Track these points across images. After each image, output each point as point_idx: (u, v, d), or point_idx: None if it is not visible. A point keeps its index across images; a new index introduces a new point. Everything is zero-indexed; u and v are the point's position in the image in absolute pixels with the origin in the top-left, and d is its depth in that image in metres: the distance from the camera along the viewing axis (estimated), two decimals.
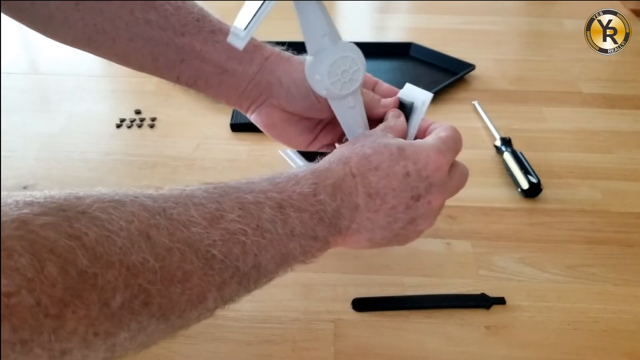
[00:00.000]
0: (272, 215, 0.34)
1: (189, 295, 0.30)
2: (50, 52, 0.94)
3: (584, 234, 0.57)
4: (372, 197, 0.39)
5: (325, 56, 0.41)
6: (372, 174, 0.39)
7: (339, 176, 0.38)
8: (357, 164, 0.39)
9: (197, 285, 0.30)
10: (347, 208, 0.38)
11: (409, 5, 1.17)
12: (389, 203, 0.39)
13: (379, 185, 0.39)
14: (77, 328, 0.25)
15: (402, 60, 0.91)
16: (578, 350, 0.46)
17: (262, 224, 0.34)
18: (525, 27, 1.05)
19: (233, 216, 0.32)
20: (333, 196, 0.37)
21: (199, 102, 0.79)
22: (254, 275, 0.34)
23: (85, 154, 0.69)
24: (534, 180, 0.61)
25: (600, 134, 0.73)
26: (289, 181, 0.37)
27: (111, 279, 0.26)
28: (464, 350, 0.46)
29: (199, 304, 0.31)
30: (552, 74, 0.87)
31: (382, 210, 0.39)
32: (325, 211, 0.37)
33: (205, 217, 0.31)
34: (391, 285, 0.52)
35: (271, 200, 0.35)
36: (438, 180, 0.40)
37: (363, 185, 0.38)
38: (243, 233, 0.32)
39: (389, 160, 0.39)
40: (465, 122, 0.76)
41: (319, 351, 0.46)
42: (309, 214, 0.36)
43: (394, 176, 0.39)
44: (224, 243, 0.31)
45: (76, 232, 0.26)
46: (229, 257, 0.32)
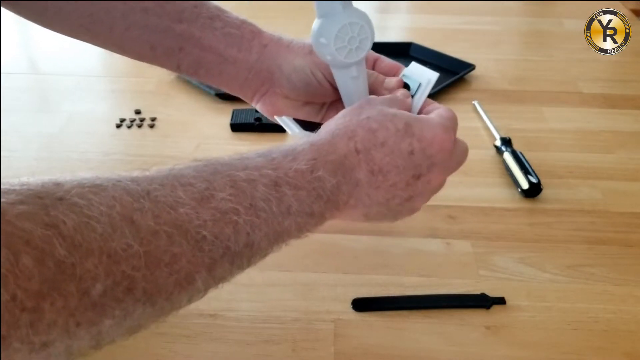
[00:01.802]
0: (266, 193, 0.33)
1: (176, 278, 0.29)
2: (50, 52, 0.94)
3: (584, 234, 0.57)
4: (375, 174, 0.38)
5: (334, 20, 0.39)
6: (376, 150, 0.38)
7: (341, 152, 0.37)
8: (363, 140, 0.38)
9: (185, 268, 0.29)
10: (348, 184, 0.37)
11: (409, 5, 1.17)
12: (390, 180, 0.38)
13: (382, 162, 0.38)
14: (57, 320, 0.24)
15: (402, 60, 0.91)
16: (578, 350, 0.46)
17: (256, 203, 0.32)
18: (525, 27, 1.05)
19: (224, 195, 0.31)
20: (333, 172, 0.36)
21: (199, 102, 0.79)
22: (247, 253, 0.33)
23: (85, 154, 0.69)
24: (534, 180, 0.61)
25: (600, 134, 0.73)
26: (285, 157, 0.35)
27: (91, 267, 0.25)
28: (464, 350, 0.46)
29: (187, 285, 0.30)
30: (552, 74, 0.87)
31: (382, 187, 0.38)
32: (324, 188, 0.36)
33: (194, 197, 0.30)
34: (391, 285, 0.52)
35: (265, 178, 0.33)
36: (441, 159, 0.40)
37: (366, 162, 0.38)
38: (235, 212, 0.31)
39: (395, 136, 0.38)
40: (465, 122, 0.75)
41: (319, 351, 0.46)
42: (306, 192, 0.35)
43: (399, 153, 0.38)
44: (214, 223, 0.30)
45: (53, 220, 0.25)
46: (220, 238, 0.31)
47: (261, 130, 0.73)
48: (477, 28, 1.03)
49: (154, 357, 0.45)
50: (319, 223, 0.37)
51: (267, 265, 0.53)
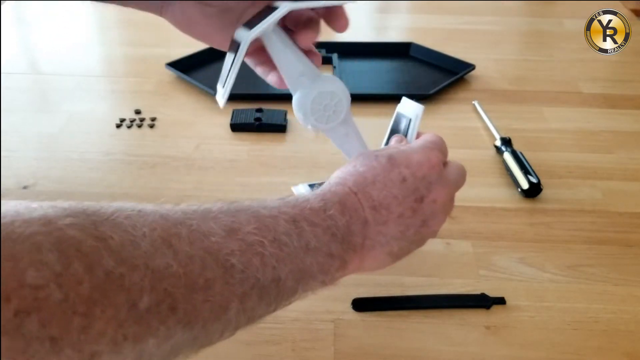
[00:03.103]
0: (287, 228, 0.35)
1: (212, 303, 0.30)
2: (50, 52, 0.94)
3: (584, 234, 0.57)
4: (378, 210, 0.39)
5: (306, 94, 0.43)
6: (370, 188, 0.39)
7: (342, 195, 0.39)
8: (355, 182, 0.39)
9: (219, 294, 0.30)
10: (357, 224, 0.38)
11: (409, 5, 1.17)
12: (395, 212, 0.39)
13: (380, 197, 0.39)
14: (106, 329, 0.25)
15: (402, 60, 0.91)
16: (578, 350, 0.46)
17: (279, 237, 0.34)
18: (525, 27, 1.05)
19: (250, 228, 0.33)
20: (342, 212, 0.37)
21: (199, 102, 0.79)
22: (274, 290, 0.34)
23: (85, 154, 0.69)
24: (534, 180, 0.61)
25: (600, 134, 0.73)
26: (299, 200, 0.37)
27: (137, 280, 0.26)
28: (464, 350, 0.46)
29: (222, 314, 0.31)
30: (552, 74, 0.87)
31: (390, 221, 0.39)
32: (337, 227, 0.37)
33: (223, 229, 0.32)
34: (391, 285, 0.52)
35: (285, 215, 0.35)
36: (435, 177, 0.40)
37: (366, 200, 0.39)
38: (260, 244, 0.33)
39: (383, 170, 0.40)
40: (465, 122, 0.76)
41: (319, 351, 0.46)
42: (322, 229, 0.36)
43: (392, 184, 0.39)
44: (242, 253, 0.32)
45: (101, 235, 0.26)
46: (249, 268, 0.32)
47: (261, 130, 0.73)
48: (477, 28, 1.03)
49: None
50: (342, 268, 0.38)
51: None
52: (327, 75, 0.44)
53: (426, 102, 0.79)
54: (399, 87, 0.85)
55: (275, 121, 0.73)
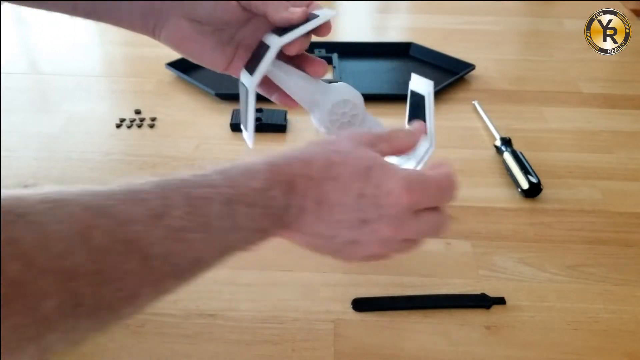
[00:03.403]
0: (220, 211, 0.33)
1: (124, 294, 0.29)
2: (50, 52, 0.94)
3: (584, 234, 0.57)
4: (320, 205, 0.37)
5: (321, 111, 0.45)
6: (328, 183, 0.37)
7: (298, 175, 0.37)
8: (319, 169, 0.37)
9: (133, 284, 0.30)
10: (295, 207, 0.37)
11: (409, 5, 1.17)
12: (334, 216, 0.38)
13: (330, 196, 0.37)
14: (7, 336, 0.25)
15: (402, 60, 0.91)
16: (578, 350, 0.46)
17: (209, 221, 0.33)
18: (525, 27, 1.05)
19: (179, 212, 0.31)
20: (285, 193, 0.36)
21: (199, 102, 0.79)
22: (194, 269, 0.33)
23: (85, 154, 0.69)
24: (534, 180, 0.61)
25: (600, 134, 0.73)
26: (242, 174, 0.36)
27: (43, 285, 0.26)
28: (464, 350, 0.46)
29: (132, 300, 0.30)
30: (552, 74, 0.87)
31: (326, 221, 0.38)
32: (276, 207, 0.36)
33: (149, 214, 0.30)
34: (391, 285, 0.52)
35: (221, 196, 0.34)
36: (393, 214, 0.37)
37: (316, 191, 0.37)
38: (188, 230, 0.32)
39: (351, 175, 0.37)
40: (465, 122, 0.76)
41: (319, 351, 0.46)
42: (259, 209, 0.35)
43: (349, 192, 0.37)
44: (164, 241, 0.31)
45: (13, 237, 0.25)
46: (170, 256, 0.31)
47: (261, 130, 0.73)
48: (477, 28, 1.03)
49: (154, 357, 0.45)
50: (265, 238, 0.37)
51: (267, 265, 0.53)
52: (335, 85, 0.45)
53: None
54: (399, 87, 0.85)
55: (275, 121, 0.73)
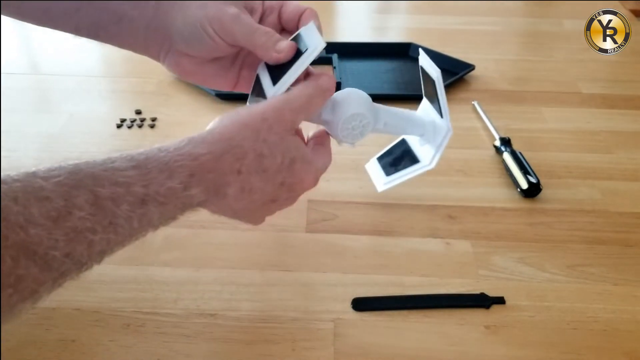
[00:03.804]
0: (129, 212, 0.32)
1: (21, 295, 0.28)
2: (50, 52, 0.94)
3: (584, 234, 0.57)
4: (244, 192, 0.39)
5: (331, 129, 0.46)
6: (255, 175, 0.39)
7: (223, 171, 0.37)
8: (249, 164, 0.39)
9: (31, 286, 0.29)
10: (216, 197, 0.38)
11: (408, 6, 1.17)
12: (252, 198, 0.40)
13: (254, 185, 0.39)
14: None
15: (402, 61, 0.91)
16: (578, 350, 0.46)
17: (116, 221, 0.32)
18: (525, 27, 1.05)
19: (83, 214, 0.30)
20: (206, 190, 0.37)
21: (199, 102, 0.79)
22: (97, 261, 0.33)
23: (85, 154, 0.68)
24: (534, 180, 0.61)
25: (599, 134, 0.73)
26: (161, 172, 0.34)
27: None
28: (464, 350, 0.46)
29: (30, 298, 0.29)
30: (552, 74, 0.87)
31: (242, 202, 0.40)
32: (192, 203, 0.36)
33: (50, 216, 0.29)
34: (391, 285, 0.52)
35: (132, 196, 0.32)
36: (297, 195, 0.44)
37: (241, 182, 0.39)
38: (92, 231, 0.30)
39: (278, 167, 0.40)
40: (465, 122, 0.76)
41: (319, 351, 0.46)
42: (173, 206, 0.35)
43: (272, 182, 0.40)
44: (67, 243, 0.29)
45: None
46: (72, 255, 0.30)
47: None
48: (477, 28, 1.03)
49: (154, 357, 0.45)
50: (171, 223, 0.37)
51: (267, 265, 0.53)
52: (342, 98, 0.46)
53: None
54: (399, 87, 0.85)
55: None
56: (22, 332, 0.47)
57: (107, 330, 0.47)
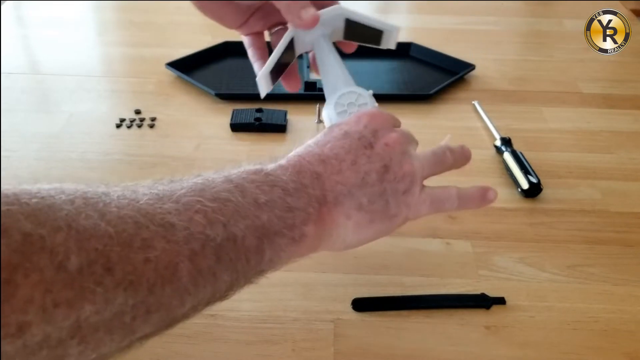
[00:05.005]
0: (225, 186, 0.32)
1: (155, 265, 0.27)
2: (50, 52, 0.94)
3: (584, 234, 0.57)
4: (327, 162, 0.38)
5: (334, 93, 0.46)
6: (313, 148, 0.39)
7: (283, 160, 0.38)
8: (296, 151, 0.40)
9: (163, 253, 0.28)
10: (308, 177, 0.36)
11: (408, 5, 1.17)
12: (347, 159, 0.38)
13: (325, 151, 0.38)
14: (33, 295, 0.23)
15: (402, 60, 0.91)
16: (578, 350, 0.46)
17: (218, 194, 0.32)
18: (525, 27, 1.05)
19: (183, 192, 0.31)
20: (284, 170, 0.36)
21: (199, 102, 0.79)
22: (232, 249, 0.31)
23: (85, 154, 0.69)
24: (534, 180, 0.61)
25: (600, 134, 0.73)
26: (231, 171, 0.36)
27: (61, 241, 0.24)
28: (464, 350, 0.46)
29: (170, 275, 0.28)
30: (552, 74, 0.87)
31: (345, 169, 0.37)
32: (285, 181, 0.35)
33: (154, 196, 0.30)
34: (391, 285, 0.52)
35: (220, 179, 0.33)
36: (379, 124, 0.41)
37: (311, 157, 0.38)
38: (199, 202, 0.30)
39: (323, 134, 0.41)
40: (465, 122, 0.76)
41: (319, 351, 0.46)
42: (268, 185, 0.34)
43: (335, 140, 0.39)
44: (180, 212, 0.29)
45: (16, 199, 0.24)
46: (192, 225, 0.29)
47: (261, 130, 0.73)
48: (477, 28, 1.03)
49: (154, 357, 0.45)
50: (310, 221, 0.35)
51: None
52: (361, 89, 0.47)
53: (426, 102, 0.79)
54: (399, 87, 0.85)
55: (275, 121, 0.73)
56: None
57: None
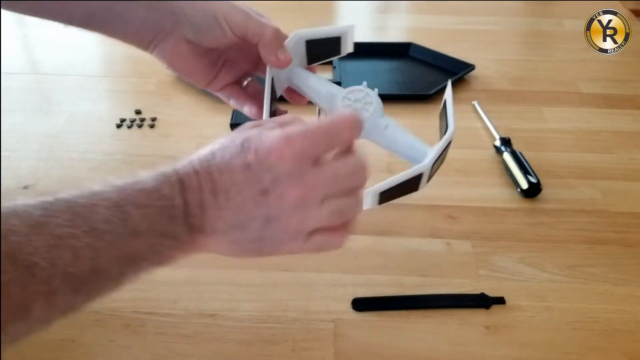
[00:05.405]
0: (106, 215, 0.32)
1: (8, 306, 0.28)
2: (50, 52, 0.94)
3: (584, 234, 0.57)
4: (217, 194, 0.35)
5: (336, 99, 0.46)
6: (214, 169, 0.36)
7: (183, 173, 0.36)
8: (200, 160, 0.36)
9: (17, 295, 0.28)
10: (195, 205, 0.35)
11: (408, 5, 1.17)
12: (234, 199, 0.35)
13: (221, 181, 0.36)
14: None
15: (402, 61, 0.91)
16: (578, 350, 0.46)
17: (96, 225, 0.31)
18: (525, 27, 1.05)
19: (60, 221, 0.30)
20: (180, 193, 0.35)
21: (199, 102, 0.79)
22: (93, 281, 0.32)
23: (85, 154, 0.69)
24: (534, 180, 0.61)
25: (600, 134, 0.73)
26: (130, 181, 0.34)
27: None
28: (464, 350, 0.46)
29: (23, 315, 0.29)
30: (552, 74, 0.87)
31: (229, 208, 0.36)
32: (174, 207, 0.34)
33: (28, 224, 0.29)
34: (391, 285, 0.52)
35: (106, 201, 0.32)
36: (285, 170, 0.35)
37: (206, 182, 0.36)
38: (73, 237, 0.30)
39: (232, 152, 0.36)
40: (465, 122, 0.76)
41: (319, 351, 0.46)
42: (155, 210, 0.34)
43: (236, 169, 0.35)
44: (49, 249, 0.29)
45: None
46: (56, 264, 0.29)
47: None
48: (477, 28, 1.03)
49: (154, 357, 0.45)
50: (180, 247, 0.36)
51: (267, 265, 0.53)
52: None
53: (426, 102, 0.79)
54: (399, 87, 0.85)
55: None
56: None
57: (107, 330, 0.47)
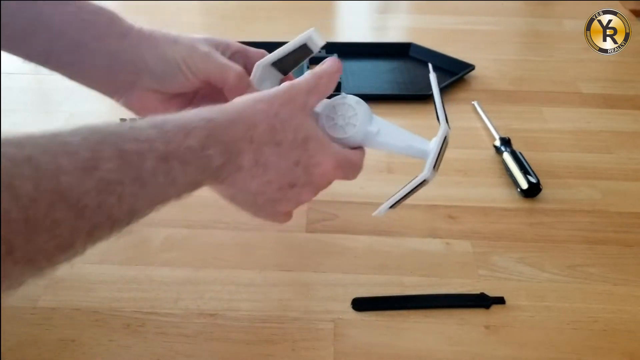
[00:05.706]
0: (154, 167, 0.33)
1: (58, 242, 0.29)
2: None
3: (584, 234, 0.57)
4: (258, 165, 0.39)
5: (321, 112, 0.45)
6: (268, 147, 0.39)
7: (236, 138, 0.38)
8: (261, 134, 0.39)
9: (66, 233, 0.29)
10: (232, 166, 0.38)
11: (408, 6, 1.17)
12: (268, 176, 0.40)
13: (269, 158, 0.40)
14: None
15: (402, 61, 0.91)
16: (578, 350, 0.46)
17: (142, 175, 0.33)
18: (525, 27, 1.05)
19: (110, 166, 0.31)
20: (222, 153, 0.37)
21: None
22: (127, 219, 0.33)
23: None
24: (534, 180, 0.61)
25: (600, 134, 0.73)
26: (179, 131, 0.35)
27: None
28: (464, 350, 0.46)
29: (67, 248, 0.30)
30: (552, 74, 0.87)
31: (258, 179, 0.40)
32: (210, 165, 0.37)
33: (78, 166, 0.30)
34: (391, 285, 0.52)
35: (155, 152, 0.33)
36: (316, 183, 0.43)
37: (254, 152, 0.39)
38: (120, 183, 0.31)
39: (291, 143, 0.40)
40: (464, 122, 0.76)
41: (319, 351, 0.46)
42: (194, 167, 0.36)
43: (286, 159, 0.40)
44: (97, 193, 0.30)
45: None
46: (103, 206, 0.31)
47: None
48: (477, 28, 1.03)
49: (154, 356, 0.45)
50: (197, 189, 0.38)
51: (267, 265, 0.53)
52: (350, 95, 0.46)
53: (426, 102, 0.79)
54: (399, 88, 0.85)
55: None
56: (22, 332, 0.47)
57: (107, 330, 0.47)
